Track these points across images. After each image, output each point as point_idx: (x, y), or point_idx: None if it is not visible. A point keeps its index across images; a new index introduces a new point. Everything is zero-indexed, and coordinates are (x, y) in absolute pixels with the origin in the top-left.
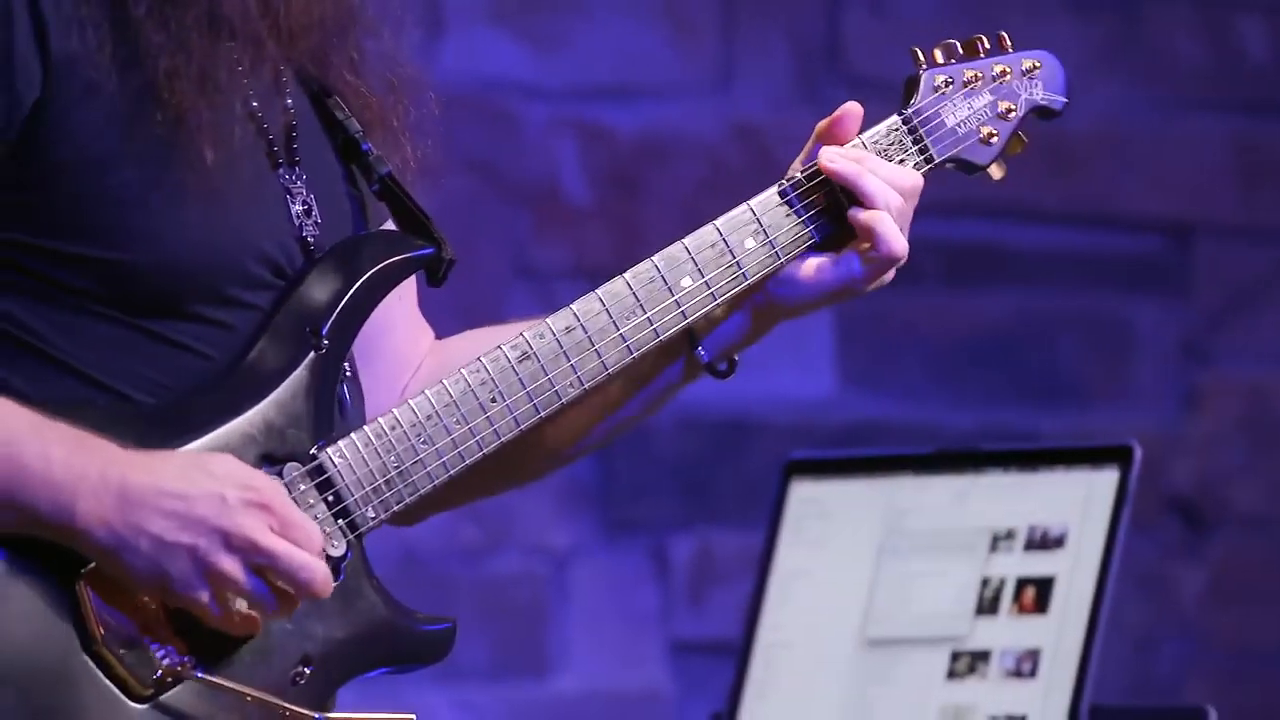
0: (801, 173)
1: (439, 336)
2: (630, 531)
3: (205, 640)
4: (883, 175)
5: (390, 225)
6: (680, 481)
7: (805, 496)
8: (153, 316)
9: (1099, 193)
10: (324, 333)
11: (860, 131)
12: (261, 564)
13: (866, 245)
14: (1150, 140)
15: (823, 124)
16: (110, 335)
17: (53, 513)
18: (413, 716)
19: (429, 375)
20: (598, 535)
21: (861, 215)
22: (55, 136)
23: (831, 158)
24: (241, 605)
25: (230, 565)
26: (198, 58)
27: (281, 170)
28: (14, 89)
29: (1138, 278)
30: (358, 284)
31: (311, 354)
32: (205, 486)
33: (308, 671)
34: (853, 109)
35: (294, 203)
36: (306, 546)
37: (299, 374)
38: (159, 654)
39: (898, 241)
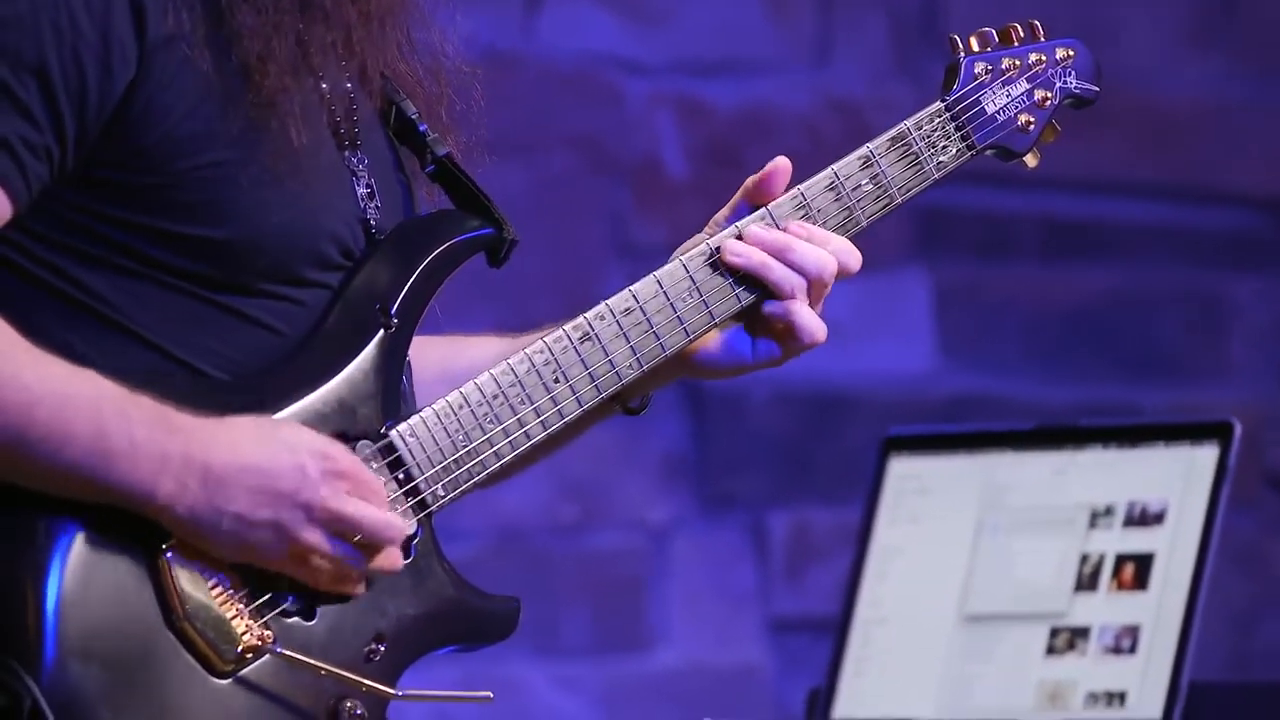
0: (717, 240)
1: (547, 312)
2: (728, 507)
3: (284, 616)
4: (795, 258)
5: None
6: (778, 457)
7: (904, 472)
8: (227, 292)
9: (1198, 168)
10: (393, 311)
11: (908, 118)
12: (344, 530)
13: (782, 328)
14: (1250, 115)
15: (751, 180)
16: (183, 308)
17: (136, 492)
18: (490, 694)
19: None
20: (695, 511)
21: (770, 307)
22: (148, 115)
23: (736, 251)
24: (325, 566)
25: (314, 536)
26: (290, 42)
27: (347, 153)
28: (110, 69)
29: (1237, 253)
30: (424, 263)
31: (381, 332)
32: (285, 459)
33: (381, 649)
34: (781, 165)
35: (359, 185)
36: (379, 503)
37: (369, 352)
38: (240, 629)
39: (811, 329)
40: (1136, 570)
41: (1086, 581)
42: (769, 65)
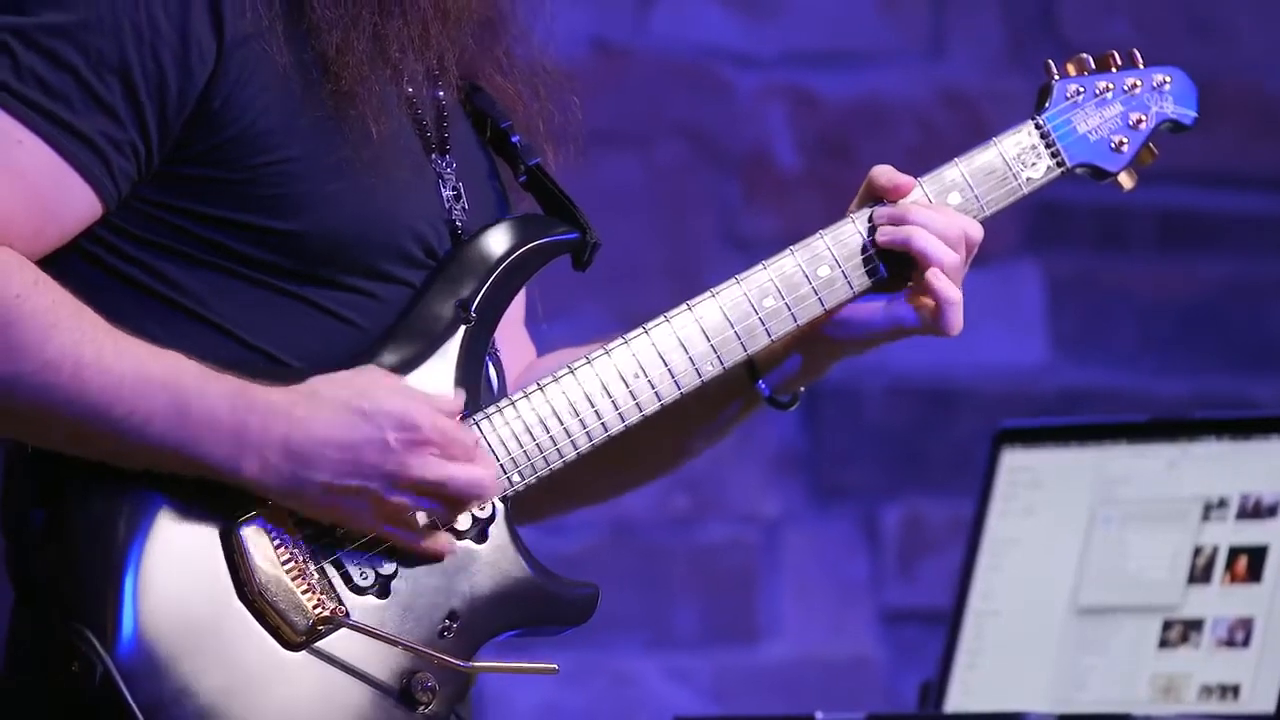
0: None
1: (656, 303)
2: (840, 500)
3: (357, 590)
4: (935, 229)
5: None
6: (890, 450)
7: (1016, 465)
8: (308, 284)
9: None
10: (473, 308)
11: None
12: (430, 492)
13: (923, 296)
14: None
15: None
16: (265, 300)
17: (221, 465)
18: (555, 666)
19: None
20: (807, 503)
21: (918, 275)
22: (226, 112)
23: (882, 230)
24: (422, 522)
25: (401, 501)
26: (368, 34)
27: (434, 155)
28: (189, 67)
29: None
30: (505, 263)
31: (462, 328)
32: (364, 431)
33: (454, 626)
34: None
35: (445, 187)
36: (468, 456)
37: (449, 346)
38: (311, 602)
39: (950, 292)
40: (1250, 563)
41: (1200, 574)
42: (881, 57)
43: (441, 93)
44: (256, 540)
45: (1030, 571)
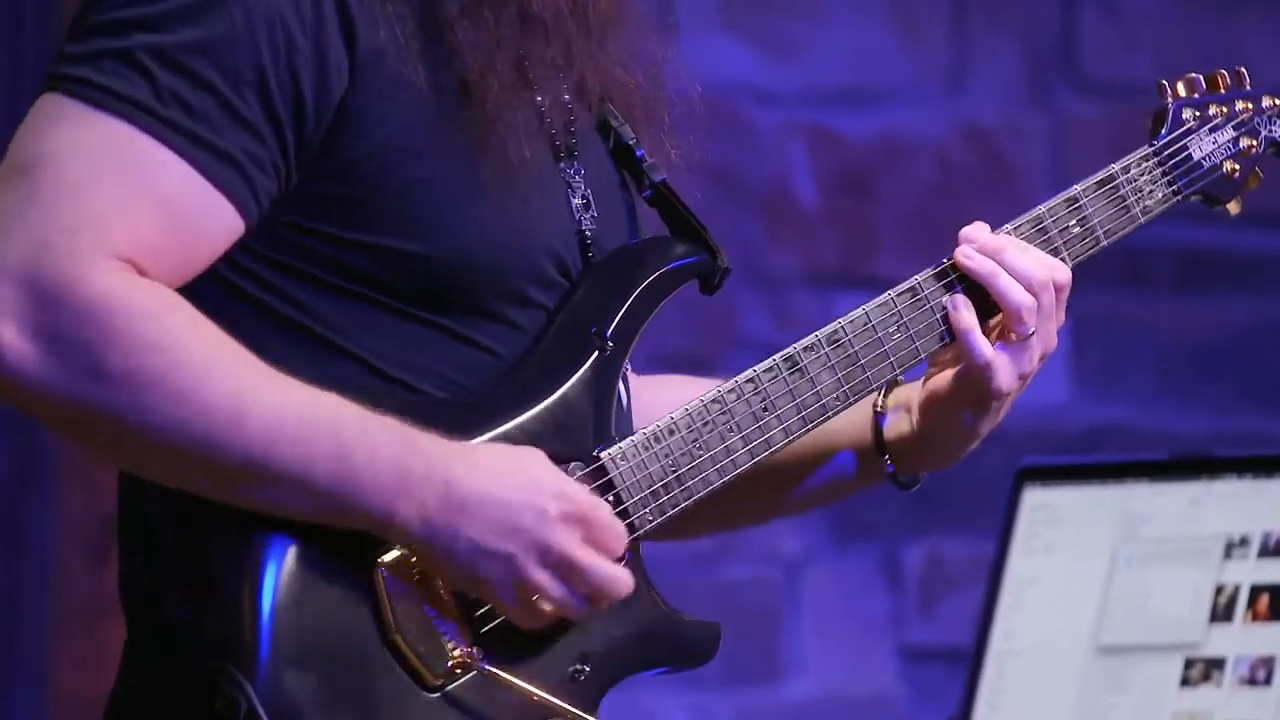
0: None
1: (678, 340)
2: (861, 538)
3: (491, 633)
4: (1021, 270)
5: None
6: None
7: (1038, 503)
8: (444, 311)
9: None
10: (609, 335)
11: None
12: (572, 576)
13: (1010, 335)
14: None
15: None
16: (401, 328)
17: (376, 510)
18: None
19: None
20: (829, 541)
21: (995, 320)
22: (359, 128)
23: (968, 254)
24: (546, 607)
25: (542, 577)
26: (512, 57)
27: (563, 164)
28: (325, 82)
29: None
30: (639, 289)
31: (596, 354)
32: (526, 497)
33: (586, 669)
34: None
35: (574, 195)
36: (614, 551)
37: (584, 374)
38: (450, 644)
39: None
40: (1272, 601)
41: (1222, 612)
42: (902, 93)
43: (566, 96)
44: (395, 579)
45: (1051, 610)
